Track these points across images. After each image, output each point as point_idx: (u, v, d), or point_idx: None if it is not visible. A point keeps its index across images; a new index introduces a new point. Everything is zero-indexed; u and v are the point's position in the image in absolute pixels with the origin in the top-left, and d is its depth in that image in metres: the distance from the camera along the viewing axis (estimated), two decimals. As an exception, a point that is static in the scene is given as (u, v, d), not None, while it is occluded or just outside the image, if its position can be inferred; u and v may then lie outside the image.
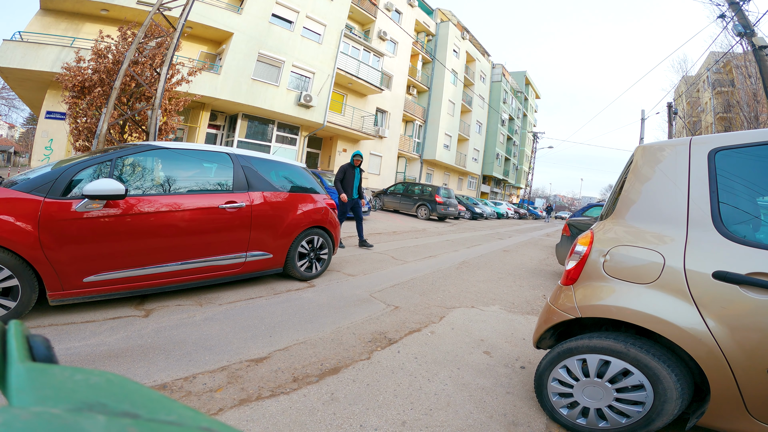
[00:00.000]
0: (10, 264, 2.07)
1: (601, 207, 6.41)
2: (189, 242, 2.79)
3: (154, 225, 2.59)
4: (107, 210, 2.37)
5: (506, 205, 26.54)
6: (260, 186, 3.35)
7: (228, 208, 3.00)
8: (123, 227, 2.44)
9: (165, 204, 2.67)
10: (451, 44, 24.61)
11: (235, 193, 3.12)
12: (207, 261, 2.91)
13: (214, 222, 2.92)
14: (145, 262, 2.56)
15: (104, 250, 2.38)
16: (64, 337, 2.11)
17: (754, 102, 19.34)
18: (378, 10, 18.57)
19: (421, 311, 3.18)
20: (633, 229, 1.58)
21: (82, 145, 7.51)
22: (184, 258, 2.77)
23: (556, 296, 1.78)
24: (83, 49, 9.70)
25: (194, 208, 2.81)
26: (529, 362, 2.39)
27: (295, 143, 16.00)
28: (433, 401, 1.81)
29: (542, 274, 5.72)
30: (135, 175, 2.67)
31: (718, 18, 8.48)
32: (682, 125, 25.56)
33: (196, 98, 10.23)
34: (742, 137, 1.45)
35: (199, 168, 3.11)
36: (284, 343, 2.30)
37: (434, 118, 23.97)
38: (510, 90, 35.60)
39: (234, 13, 12.85)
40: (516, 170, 40.94)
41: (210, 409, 1.59)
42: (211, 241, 2.92)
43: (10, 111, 29.66)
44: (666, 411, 1.42)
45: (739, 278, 1.27)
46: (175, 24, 7.44)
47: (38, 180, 2.25)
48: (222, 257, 3.01)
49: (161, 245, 2.64)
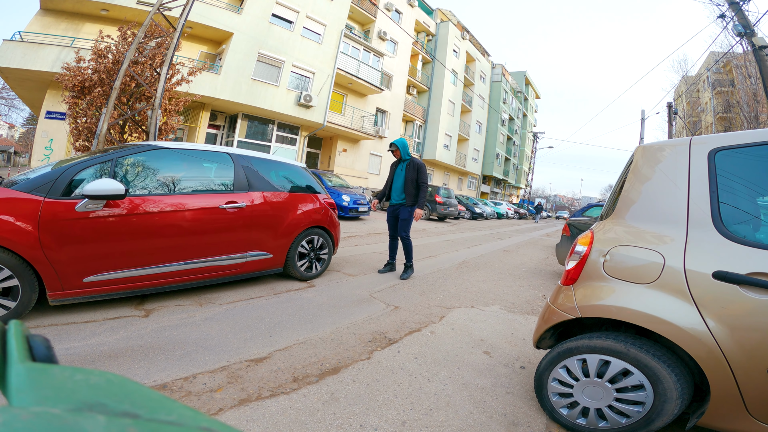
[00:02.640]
0: (10, 264, 2.07)
1: (601, 207, 6.41)
2: (189, 242, 2.79)
3: (154, 225, 2.59)
4: (108, 210, 2.37)
5: (506, 205, 26.53)
6: (260, 186, 3.35)
7: (228, 208, 3.01)
8: (123, 227, 2.44)
9: (166, 204, 2.67)
10: (451, 44, 24.61)
11: (235, 193, 3.12)
12: (207, 261, 2.91)
13: (215, 222, 2.92)
14: (145, 263, 2.56)
15: (105, 249, 2.38)
16: (64, 337, 2.11)
17: (754, 102, 19.34)
18: (378, 10, 18.57)
19: (421, 311, 3.18)
20: (633, 229, 1.58)
21: (82, 145, 7.51)
22: (185, 258, 2.77)
23: (556, 296, 1.77)
24: (83, 49, 9.70)
25: (195, 208, 2.81)
26: (529, 362, 2.39)
27: (295, 143, 16.00)
28: (433, 401, 1.81)
29: (542, 274, 5.72)
30: (135, 175, 2.67)
31: (718, 18, 8.48)
32: (682, 125, 25.56)
33: (196, 98, 10.23)
34: (742, 137, 1.45)
35: (199, 168, 3.11)
36: (284, 343, 2.30)
37: (434, 118, 23.97)
38: (510, 90, 35.59)
39: (234, 13, 12.85)
40: (516, 170, 40.94)
41: (210, 409, 1.59)
42: (211, 241, 2.92)
43: (10, 111, 29.67)
44: (666, 411, 1.42)
45: (739, 278, 1.27)
46: (175, 24, 7.44)
47: (38, 180, 2.24)
48: (222, 257, 3.01)
49: (162, 245, 2.64)
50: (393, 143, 4.18)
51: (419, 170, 4.12)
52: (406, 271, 4.33)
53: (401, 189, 4.21)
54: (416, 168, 4.11)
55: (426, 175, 4.15)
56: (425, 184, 4.13)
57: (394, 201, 4.30)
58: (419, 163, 4.14)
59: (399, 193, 4.23)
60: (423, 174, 4.13)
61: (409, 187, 4.12)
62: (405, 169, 4.19)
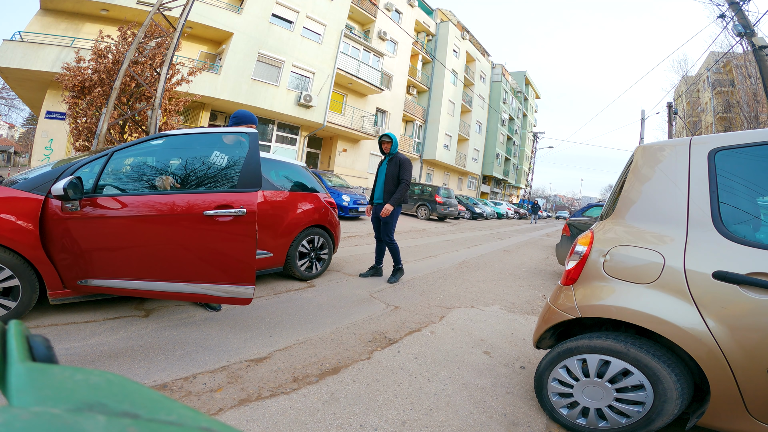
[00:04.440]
0: (11, 264, 2.06)
1: (601, 207, 6.40)
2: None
3: (151, 224, 2.57)
4: (108, 210, 2.36)
5: (506, 205, 26.52)
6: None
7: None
8: (122, 227, 2.42)
9: (164, 203, 2.65)
10: (451, 44, 24.62)
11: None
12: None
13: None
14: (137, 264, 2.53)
15: (105, 248, 2.37)
16: (64, 337, 2.11)
17: (754, 102, 19.34)
18: (378, 10, 18.57)
19: (421, 311, 3.18)
20: (633, 229, 1.58)
21: (82, 145, 7.51)
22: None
23: (556, 296, 1.78)
24: (83, 49, 9.70)
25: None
26: (529, 362, 2.39)
27: (295, 143, 16.01)
28: (433, 401, 1.81)
29: (542, 274, 5.72)
30: (133, 173, 2.65)
31: (718, 18, 8.48)
32: (682, 125, 25.55)
33: (196, 98, 10.23)
34: (742, 137, 1.45)
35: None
36: (284, 343, 2.30)
37: (434, 118, 23.97)
38: (510, 90, 35.60)
39: (234, 13, 12.86)
40: (516, 170, 40.94)
41: (210, 409, 1.59)
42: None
43: (10, 111, 29.68)
44: (666, 411, 1.42)
45: (739, 278, 1.27)
46: (175, 24, 7.44)
47: (39, 179, 2.24)
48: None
49: (151, 246, 2.60)
50: (387, 135, 3.84)
51: (402, 165, 3.77)
52: (394, 274, 4.06)
53: (382, 187, 3.86)
54: (398, 163, 3.77)
55: (409, 172, 3.79)
56: (406, 181, 3.74)
57: (375, 200, 3.98)
58: (403, 158, 3.81)
59: (380, 192, 3.89)
60: (405, 170, 3.76)
61: (390, 184, 3.78)
62: (387, 165, 3.86)
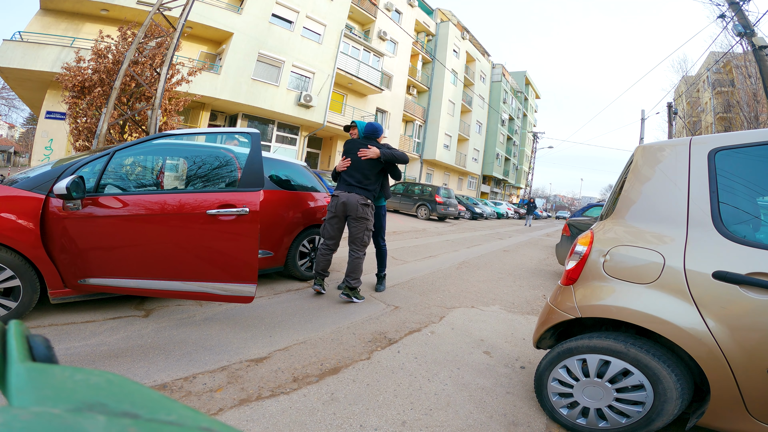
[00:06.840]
0: (12, 264, 2.06)
1: (601, 207, 6.40)
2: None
3: (153, 223, 2.57)
4: (110, 209, 2.36)
5: (506, 205, 26.51)
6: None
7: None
8: (123, 225, 2.43)
9: (166, 202, 2.65)
10: (451, 44, 24.60)
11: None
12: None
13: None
14: (136, 264, 2.54)
15: (106, 247, 2.37)
16: (64, 337, 2.11)
17: (754, 102, 19.33)
18: (378, 10, 18.57)
19: (421, 311, 3.18)
20: (633, 229, 1.58)
21: (82, 145, 7.51)
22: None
23: (555, 296, 1.78)
24: (83, 49, 9.69)
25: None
26: (529, 362, 2.39)
27: (295, 143, 16.01)
28: (433, 401, 1.81)
29: (542, 274, 5.72)
30: (134, 173, 2.66)
31: (718, 18, 8.48)
32: (682, 125, 25.55)
33: (196, 98, 10.23)
34: (742, 137, 1.45)
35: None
36: (284, 343, 2.30)
37: (434, 118, 23.96)
38: (510, 90, 35.59)
39: (234, 13, 12.86)
40: (516, 170, 40.93)
41: (210, 409, 1.59)
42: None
43: (10, 111, 29.63)
44: (666, 411, 1.42)
45: (739, 278, 1.27)
46: (175, 24, 7.44)
47: (39, 178, 2.24)
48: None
49: (152, 243, 2.61)
50: (354, 121, 3.51)
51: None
52: (381, 281, 3.74)
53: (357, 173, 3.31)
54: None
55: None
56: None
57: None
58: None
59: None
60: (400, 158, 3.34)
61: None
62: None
